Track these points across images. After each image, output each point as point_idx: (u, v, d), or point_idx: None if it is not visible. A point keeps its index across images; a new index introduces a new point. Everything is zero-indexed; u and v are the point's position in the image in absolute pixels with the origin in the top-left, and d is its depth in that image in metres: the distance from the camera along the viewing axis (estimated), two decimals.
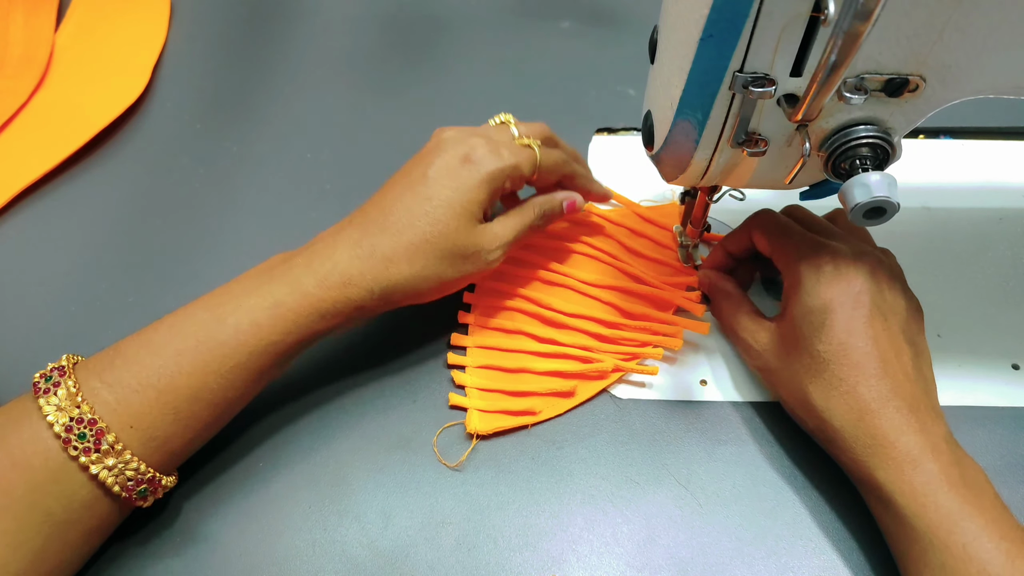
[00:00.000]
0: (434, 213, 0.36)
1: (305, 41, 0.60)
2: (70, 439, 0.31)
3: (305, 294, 0.35)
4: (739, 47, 0.29)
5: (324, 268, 0.35)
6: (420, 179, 0.37)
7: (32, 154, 0.52)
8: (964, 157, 0.52)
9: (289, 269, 0.36)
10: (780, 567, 0.36)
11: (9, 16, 0.59)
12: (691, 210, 0.43)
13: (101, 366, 0.33)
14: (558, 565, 0.36)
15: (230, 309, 0.34)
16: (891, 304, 0.36)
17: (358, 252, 0.36)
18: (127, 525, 0.37)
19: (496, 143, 0.39)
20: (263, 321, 0.34)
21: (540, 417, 0.40)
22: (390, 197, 0.38)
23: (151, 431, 0.32)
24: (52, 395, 0.32)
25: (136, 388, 0.32)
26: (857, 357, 0.34)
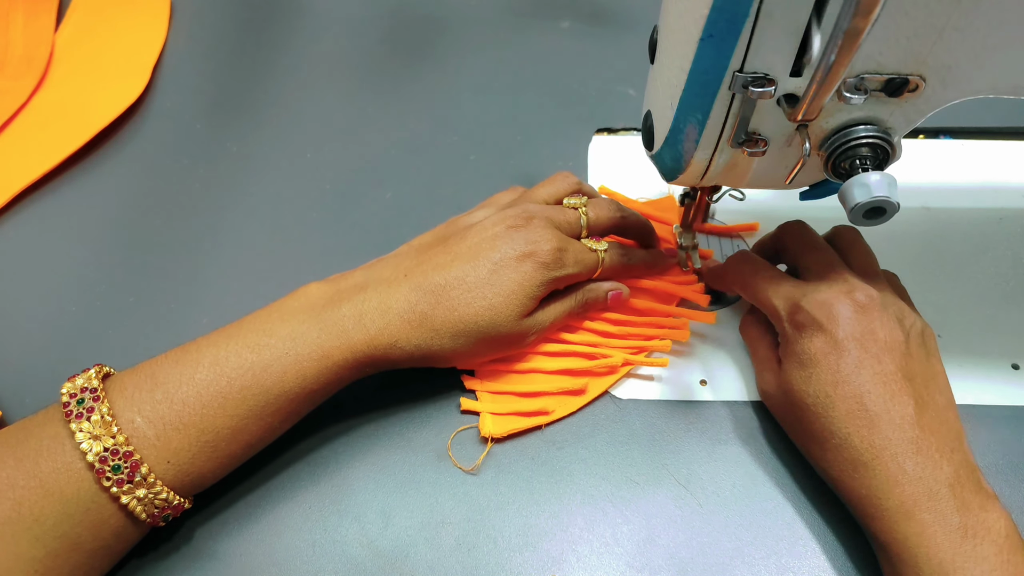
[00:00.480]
0: (491, 300, 0.36)
1: (305, 41, 0.60)
2: (104, 470, 0.31)
3: (352, 350, 0.35)
4: (739, 47, 0.29)
5: (375, 327, 0.35)
6: (486, 262, 0.37)
7: (32, 154, 0.52)
8: (964, 157, 0.52)
9: (338, 320, 0.35)
10: (780, 567, 0.36)
11: (9, 16, 0.59)
12: (690, 211, 0.43)
13: (139, 396, 0.33)
14: (558, 565, 0.36)
15: (276, 355, 0.34)
16: (884, 342, 0.34)
17: (409, 318, 0.36)
18: None
19: (564, 247, 0.38)
20: (309, 372, 0.35)
21: (553, 417, 0.40)
22: (452, 270, 0.37)
23: (187, 467, 0.33)
24: (85, 420, 0.31)
25: (177, 426, 0.32)
26: (846, 408, 0.34)
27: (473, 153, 0.53)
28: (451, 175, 0.52)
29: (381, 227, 0.49)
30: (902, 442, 0.33)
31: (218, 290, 0.46)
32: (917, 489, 0.32)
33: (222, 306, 0.45)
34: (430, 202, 0.50)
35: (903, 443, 0.33)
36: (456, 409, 0.41)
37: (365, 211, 0.50)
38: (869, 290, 0.36)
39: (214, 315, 0.45)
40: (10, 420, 0.40)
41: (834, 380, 0.34)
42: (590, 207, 0.41)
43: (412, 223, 0.49)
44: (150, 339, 0.44)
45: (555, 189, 0.42)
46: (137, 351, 0.43)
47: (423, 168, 0.52)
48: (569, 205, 0.41)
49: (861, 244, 0.40)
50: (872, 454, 0.33)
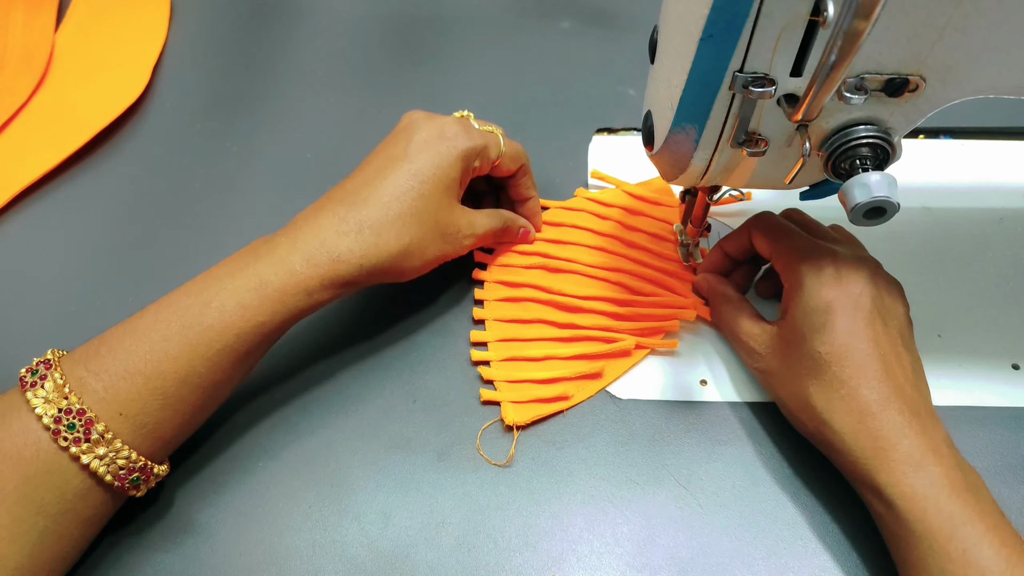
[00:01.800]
0: (420, 187, 0.37)
1: (305, 41, 0.60)
2: (60, 430, 0.31)
3: (291, 272, 0.35)
4: (739, 47, 0.29)
5: (311, 246, 0.35)
6: (402, 155, 0.38)
7: (32, 154, 0.52)
8: (964, 157, 0.52)
9: (273, 248, 0.36)
10: (780, 567, 0.36)
11: (9, 16, 0.59)
12: (691, 209, 0.43)
13: (87, 356, 0.33)
14: (558, 565, 0.36)
15: (214, 292, 0.34)
16: (890, 309, 0.36)
17: (345, 228, 0.36)
18: (127, 526, 0.37)
19: (465, 124, 0.40)
20: (249, 302, 0.34)
21: (573, 401, 0.41)
22: (371, 171, 0.38)
23: (141, 417, 0.32)
24: (39, 388, 0.32)
25: (123, 375, 0.32)
26: (859, 358, 0.34)
27: None
28: None
29: None
30: (906, 399, 0.34)
31: None
32: (923, 442, 0.33)
33: None
34: None
35: (907, 400, 0.34)
36: (456, 409, 0.41)
37: None
38: (877, 262, 0.38)
39: None
40: None
41: (851, 330, 0.35)
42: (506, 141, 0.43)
43: None
44: None
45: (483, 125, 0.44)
46: None
47: None
48: (486, 128, 0.42)
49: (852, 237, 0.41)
50: (881, 405, 0.34)
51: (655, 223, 0.47)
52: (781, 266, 0.38)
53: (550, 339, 0.43)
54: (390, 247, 0.37)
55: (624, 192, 0.49)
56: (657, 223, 0.47)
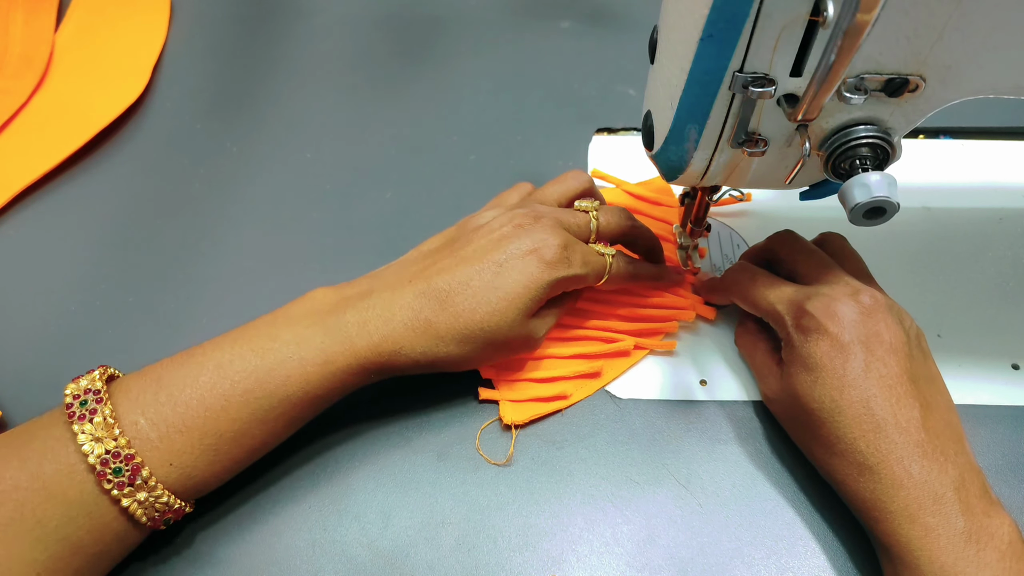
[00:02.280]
0: (495, 304, 0.36)
1: (305, 41, 0.60)
2: (105, 473, 0.30)
3: (356, 356, 0.35)
4: (739, 47, 0.29)
5: (379, 333, 0.35)
6: (491, 265, 0.36)
7: (32, 154, 0.52)
8: (964, 157, 0.52)
9: (342, 325, 0.35)
10: (780, 567, 0.36)
11: (9, 16, 0.59)
12: (691, 212, 0.43)
13: (143, 398, 0.32)
14: (558, 565, 0.36)
15: (280, 359, 0.34)
16: (889, 344, 0.34)
17: (414, 324, 0.35)
18: None
19: (571, 248, 0.38)
20: (312, 376, 0.34)
21: (571, 400, 0.41)
22: (457, 274, 0.36)
23: (189, 470, 0.32)
24: (87, 422, 0.31)
25: (180, 429, 0.32)
26: (852, 413, 0.33)
27: (473, 153, 0.53)
28: (451, 175, 0.52)
29: (381, 227, 0.49)
30: (908, 446, 0.33)
31: (218, 290, 0.46)
32: (922, 493, 0.32)
33: (222, 306, 0.45)
34: (430, 202, 0.50)
35: (909, 447, 0.33)
36: (456, 409, 0.41)
37: (365, 211, 0.50)
38: (872, 292, 0.36)
39: (214, 315, 0.45)
40: (10, 419, 0.40)
41: (840, 385, 0.34)
42: (601, 212, 0.41)
43: (412, 223, 0.49)
44: (150, 339, 0.44)
45: (565, 188, 0.42)
46: (137, 351, 0.43)
47: (423, 168, 0.52)
48: (580, 208, 0.41)
49: (851, 249, 0.40)
50: (877, 459, 0.33)
51: (654, 223, 0.47)
52: (772, 324, 0.38)
53: (549, 339, 0.43)
54: (450, 352, 0.36)
55: (625, 192, 0.49)
56: (656, 223, 0.48)
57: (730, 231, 0.48)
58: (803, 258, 0.39)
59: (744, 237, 0.48)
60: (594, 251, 0.39)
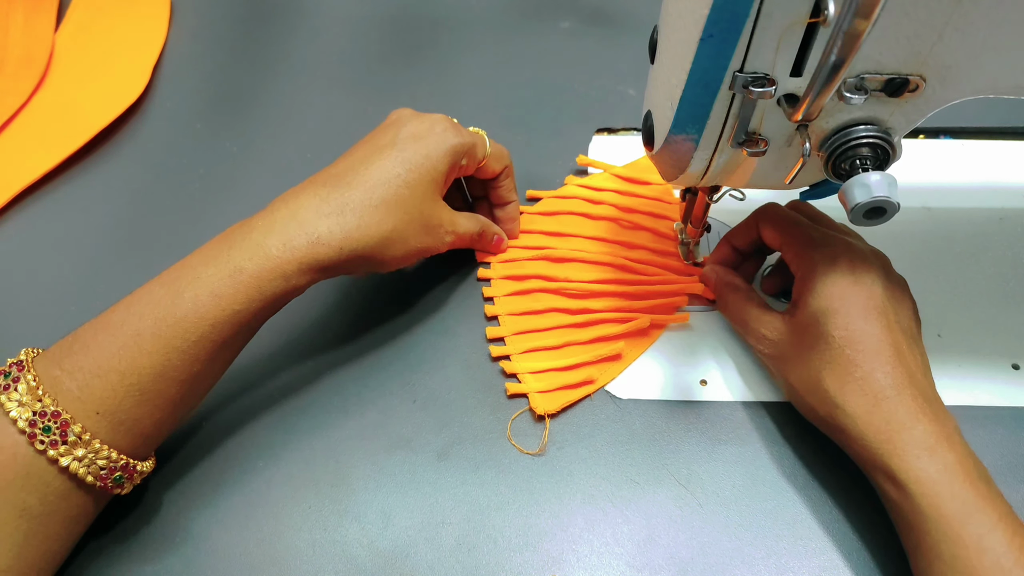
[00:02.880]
0: (407, 175, 0.37)
1: (305, 41, 0.60)
2: (35, 434, 0.30)
3: (268, 257, 0.34)
4: (739, 47, 0.29)
5: (288, 228, 0.34)
6: (390, 144, 0.38)
7: (32, 154, 0.52)
8: (964, 157, 0.52)
9: (248, 233, 0.34)
10: (780, 567, 0.36)
11: (9, 16, 0.59)
12: (691, 208, 0.43)
13: (60, 354, 0.32)
14: (558, 565, 0.36)
15: (187, 282, 0.33)
16: (900, 303, 0.37)
17: (326, 209, 0.35)
18: (126, 527, 0.37)
19: (454, 122, 0.41)
20: (223, 291, 0.33)
21: (598, 385, 0.41)
22: (357, 158, 0.38)
23: (118, 415, 0.32)
24: (13, 391, 0.31)
25: (97, 372, 0.32)
26: (873, 343, 0.34)
27: None
28: None
29: None
30: (919, 386, 0.34)
31: None
32: (937, 428, 0.33)
33: None
34: None
35: (920, 387, 0.34)
36: (456, 409, 0.41)
37: None
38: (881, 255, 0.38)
39: None
40: None
41: (865, 315, 0.35)
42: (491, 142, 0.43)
43: None
44: None
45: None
46: None
47: None
48: (473, 129, 0.43)
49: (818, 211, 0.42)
50: (896, 389, 0.34)
51: (655, 220, 0.47)
52: (792, 255, 0.39)
53: (566, 326, 0.43)
54: (371, 231, 0.36)
55: (613, 175, 0.50)
56: (657, 220, 0.48)
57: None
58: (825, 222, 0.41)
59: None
60: (471, 130, 0.42)
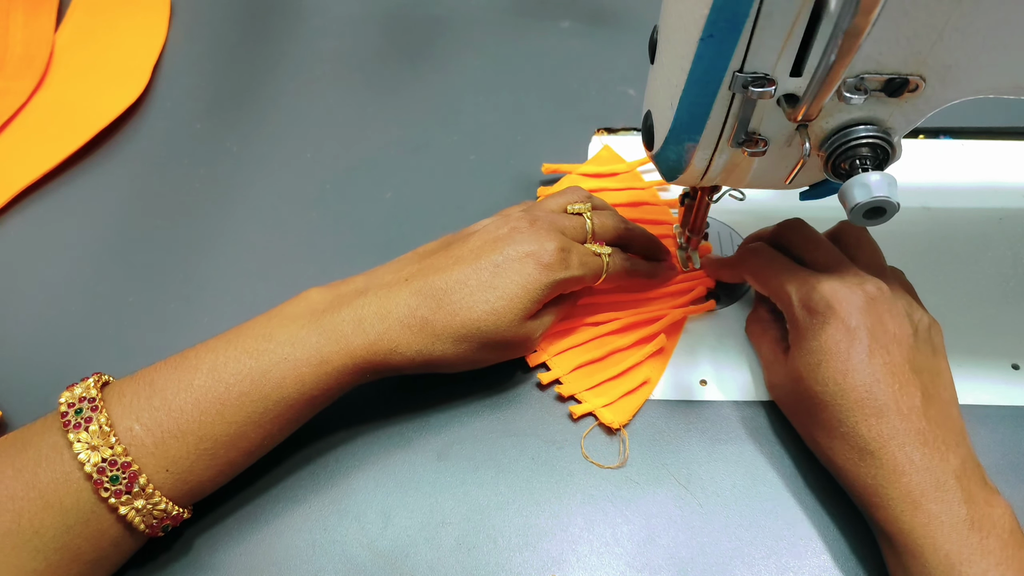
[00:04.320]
0: (493, 303, 0.36)
1: (305, 41, 0.60)
2: (102, 481, 0.30)
3: (351, 355, 0.35)
4: (739, 47, 0.29)
5: (374, 332, 0.35)
6: (488, 265, 0.36)
7: (32, 154, 0.52)
8: (964, 157, 0.52)
9: (337, 324, 0.35)
10: (780, 567, 0.36)
11: (9, 16, 0.59)
12: (691, 213, 0.43)
13: (137, 403, 0.32)
14: (558, 565, 0.36)
15: (275, 360, 0.34)
16: (893, 334, 0.35)
17: (410, 323, 0.35)
18: None
19: (568, 250, 0.38)
20: (307, 377, 0.34)
21: (653, 383, 0.41)
22: (453, 273, 0.36)
23: (186, 475, 0.32)
24: (83, 431, 0.31)
25: (176, 434, 0.32)
26: (856, 396, 0.34)
27: (473, 153, 0.53)
28: (451, 175, 0.52)
29: (381, 227, 0.49)
30: (909, 432, 0.33)
31: (218, 290, 0.46)
32: (924, 479, 0.32)
33: (222, 306, 0.45)
34: (430, 202, 0.50)
35: (910, 433, 0.33)
36: (456, 409, 0.41)
37: (365, 211, 0.50)
38: (879, 282, 0.36)
39: (214, 315, 0.45)
40: (10, 419, 0.40)
41: (844, 368, 0.34)
42: (595, 215, 0.41)
43: (412, 223, 0.49)
44: (150, 339, 0.44)
45: (564, 199, 0.42)
46: (137, 351, 0.43)
47: (423, 168, 0.52)
48: (573, 211, 0.41)
49: (868, 239, 0.40)
50: (879, 444, 0.33)
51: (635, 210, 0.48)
52: (779, 306, 0.39)
53: (602, 336, 0.43)
54: (446, 351, 0.36)
55: (580, 175, 0.50)
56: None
57: (730, 231, 0.48)
58: (812, 247, 0.39)
59: (744, 237, 0.48)
60: (590, 252, 0.40)
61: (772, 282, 0.38)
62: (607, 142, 0.53)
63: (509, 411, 0.41)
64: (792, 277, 0.37)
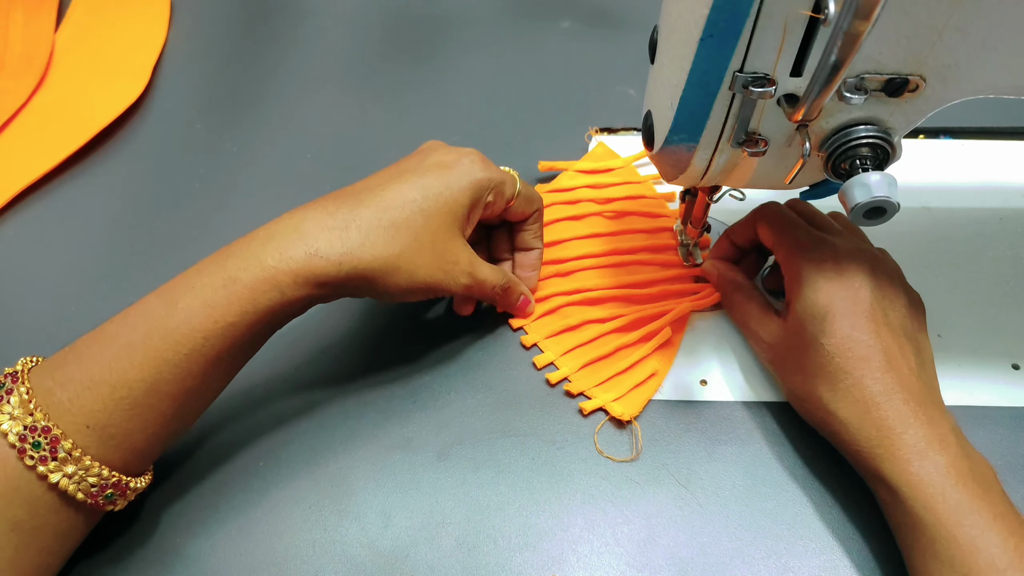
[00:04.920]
0: (423, 202, 0.35)
1: (305, 41, 0.60)
2: (25, 449, 0.30)
3: (263, 267, 0.32)
4: (739, 47, 0.29)
5: (287, 240, 0.33)
6: (413, 169, 0.37)
7: (32, 154, 0.52)
8: (964, 157, 0.52)
9: (247, 243, 0.33)
10: (780, 567, 0.36)
11: (9, 16, 0.59)
12: (691, 209, 0.43)
13: (54, 366, 0.32)
14: (558, 565, 0.36)
15: (181, 292, 0.32)
16: (891, 300, 0.36)
17: (330, 223, 0.33)
18: (124, 526, 0.37)
19: (483, 157, 0.39)
20: (216, 301, 0.32)
21: (662, 375, 0.42)
22: (376, 179, 0.37)
23: (108, 429, 0.31)
24: (5, 403, 0.30)
25: (88, 384, 0.31)
26: (862, 351, 0.34)
27: None
28: None
29: None
30: (911, 389, 0.34)
31: None
32: (929, 431, 0.33)
33: None
34: None
35: (912, 390, 0.34)
36: (456, 408, 0.41)
37: None
38: (882, 250, 0.38)
39: None
40: None
41: (852, 322, 0.35)
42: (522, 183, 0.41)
43: None
44: None
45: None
46: None
47: None
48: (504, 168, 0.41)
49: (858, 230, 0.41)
50: (886, 396, 0.34)
51: (634, 203, 0.48)
52: (782, 259, 0.39)
53: (608, 333, 0.43)
54: (376, 251, 0.34)
55: (577, 171, 0.50)
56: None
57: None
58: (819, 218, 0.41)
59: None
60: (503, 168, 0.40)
61: (785, 233, 0.39)
62: (607, 143, 0.53)
63: (510, 411, 0.41)
64: (804, 232, 0.38)
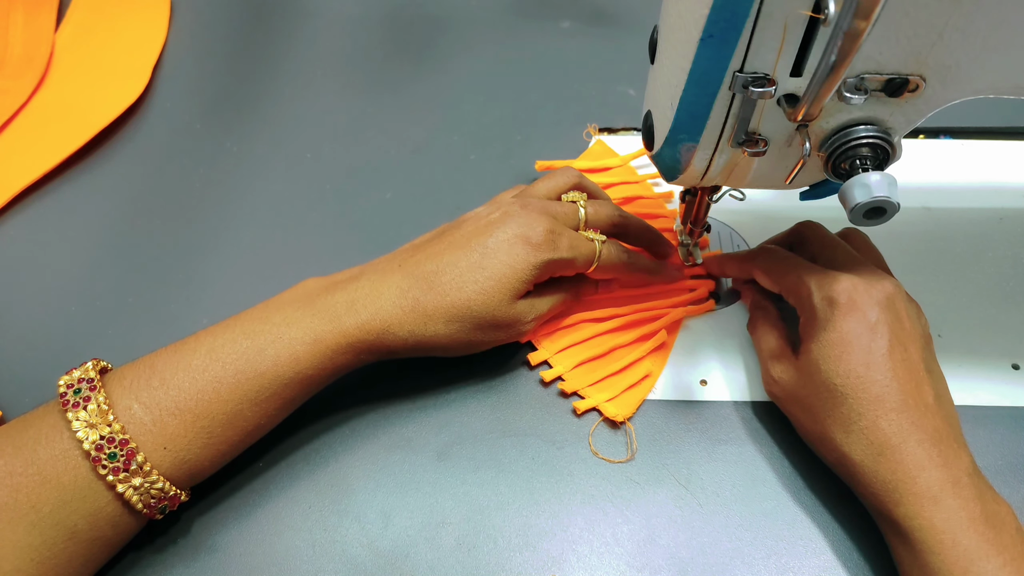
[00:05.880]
0: (483, 284, 0.37)
1: (305, 41, 0.60)
2: (100, 458, 0.31)
3: (345, 333, 0.35)
4: (739, 47, 0.29)
5: (367, 312, 0.36)
6: (478, 247, 0.37)
7: (32, 154, 0.52)
8: (964, 157, 0.52)
9: (331, 306, 0.36)
10: (780, 567, 0.36)
11: (9, 16, 0.59)
12: (691, 209, 0.43)
13: (136, 384, 0.33)
14: (558, 565, 0.36)
15: (270, 339, 0.35)
16: (909, 332, 0.35)
17: (401, 303, 0.36)
18: None
19: (558, 232, 0.38)
20: (302, 355, 0.35)
21: (655, 377, 0.42)
22: (445, 256, 0.37)
23: (184, 454, 0.33)
24: (82, 410, 0.31)
25: (173, 412, 0.33)
26: (876, 391, 0.34)
27: (473, 153, 0.53)
28: (451, 175, 0.52)
29: (381, 227, 0.49)
30: (927, 429, 0.33)
31: (218, 290, 0.46)
32: (943, 475, 0.32)
33: (222, 306, 0.45)
34: (430, 202, 0.50)
35: (928, 430, 0.33)
36: (456, 409, 0.41)
37: (365, 211, 0.50)
38: (895, 281, 0.37)
39: (214, 315, 0.44)
40: (10, 419, 0.40)
41: (866, 361, 0.34)
42: (589, 204, 0.41)
43: (412, 223, 0.49)
44: (149, 339, 0.43)
45: (554, 184, 0.42)
46: (136, 351, 0.43)
47: (423, 168, 0.52)
48: (567, 199, 0.41)
49: (873, 246, 0.41)
50: (901, 438, 0.33)
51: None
52: (793, 300, 0.38)
53: (603, 333, 0.43)
54: (437, 331, 0.37)
55: None
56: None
57: (730, 231, 0.48)
58: (830, 246, 0.40)
59: (744, 237, 0.48)
60: (582, 237, 0.40)
61: (789, 276, 0.38)
62: (607, 143, 0.53)
63: (509, 411, 0.41)
64: (810, 272, 0.38)
